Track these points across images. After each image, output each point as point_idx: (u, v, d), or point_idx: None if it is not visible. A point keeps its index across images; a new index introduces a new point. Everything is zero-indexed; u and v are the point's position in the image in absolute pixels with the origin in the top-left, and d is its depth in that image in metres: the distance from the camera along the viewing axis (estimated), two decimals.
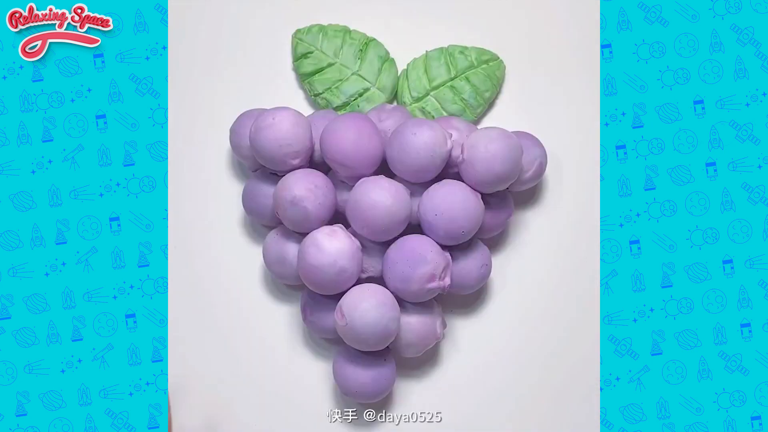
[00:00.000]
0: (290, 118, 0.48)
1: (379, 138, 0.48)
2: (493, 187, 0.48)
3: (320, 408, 0.47)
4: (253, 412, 0.46)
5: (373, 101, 0.53)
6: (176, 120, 0.52)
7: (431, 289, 0.44)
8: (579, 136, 0.53)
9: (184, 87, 0.53)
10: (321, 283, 0.43)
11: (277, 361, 0.47)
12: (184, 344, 0.46)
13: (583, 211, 0.52)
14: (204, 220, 0.53)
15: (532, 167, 0.50)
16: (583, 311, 0.50)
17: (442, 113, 0.53)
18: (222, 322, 0.47)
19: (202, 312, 0.47)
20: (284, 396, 0.47)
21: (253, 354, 0.47)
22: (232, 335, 0.47)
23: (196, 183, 0.53)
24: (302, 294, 0.46)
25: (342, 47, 0.54)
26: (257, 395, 0.46)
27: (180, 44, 0.54)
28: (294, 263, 0.46)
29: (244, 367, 0.47)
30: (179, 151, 0.52)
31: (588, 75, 0.52)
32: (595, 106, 0.47)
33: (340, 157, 0.47)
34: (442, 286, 0.44)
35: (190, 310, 0.47)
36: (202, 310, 0.47)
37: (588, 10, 0.51)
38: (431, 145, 0.46)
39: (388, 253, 0.46)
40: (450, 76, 0.54)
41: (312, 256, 0.44)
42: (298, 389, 0.47)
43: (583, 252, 0.52)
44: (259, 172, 0.50)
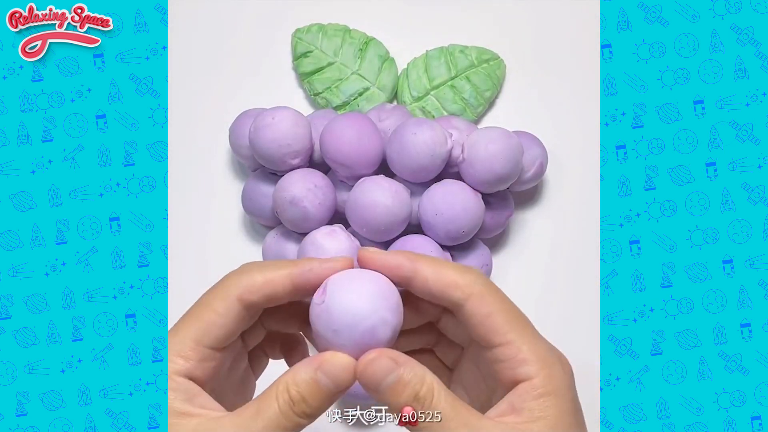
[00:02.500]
0: (290, 118, 0.48)
1: (378, 137, 0.48)
2: (493, 186, 0.48)
3: None
4: None
5: (373, 101, 0.53)
6: (176, 120, 0.52)
7: None
8: (579, 136, 0.53)
9: (184, 87, 0.53)
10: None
11: (277, 361, 0.47)
12: None
13: (583, 211, 0.52)
14: (204, 220, 0.54)
15: (533, 167, 0.50)
16: (583, 311, 0.50)
17: (443, 113, 0.53)
18: None
19: None
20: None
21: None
22: None
23: (196, 183, 0.53)
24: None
25: (342, 46, 0.54)
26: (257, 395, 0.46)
27: (180, 44, 0.54)
28: None
29: None
30: (179, 151, 0.52)
31: (588, 75, 0.52)
32: (595, 106, 0.47)
33: (340, 157, 0.47)
34: None
35: None
36: None
37: (588, 10, 0.51)
38: (431, 144, 0.47)
39: None
40: (450, 76, 0.54)
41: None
42: None
43: (583, 252, 0.52)
44: (259, 171, 0.50)
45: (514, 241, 0.53)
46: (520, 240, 0.53)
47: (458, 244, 0.48)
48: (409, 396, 0.30)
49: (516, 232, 0.53)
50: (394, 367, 0.30)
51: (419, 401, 0.30)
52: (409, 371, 0.30)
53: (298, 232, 0.48)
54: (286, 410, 0.30)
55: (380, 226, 0.46)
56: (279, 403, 0.30)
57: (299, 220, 0.47)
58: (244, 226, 0.53)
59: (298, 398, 0.30)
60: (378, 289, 0.31)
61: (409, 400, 0.30)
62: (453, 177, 0.49)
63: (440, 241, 0.47)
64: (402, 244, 0.47)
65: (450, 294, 0.31)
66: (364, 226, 0.47)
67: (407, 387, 0.30)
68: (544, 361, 0.31)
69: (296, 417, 0.30)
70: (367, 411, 0.47)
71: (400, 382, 0.30)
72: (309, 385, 0.30)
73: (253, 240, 0.53)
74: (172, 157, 0.50)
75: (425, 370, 0.31)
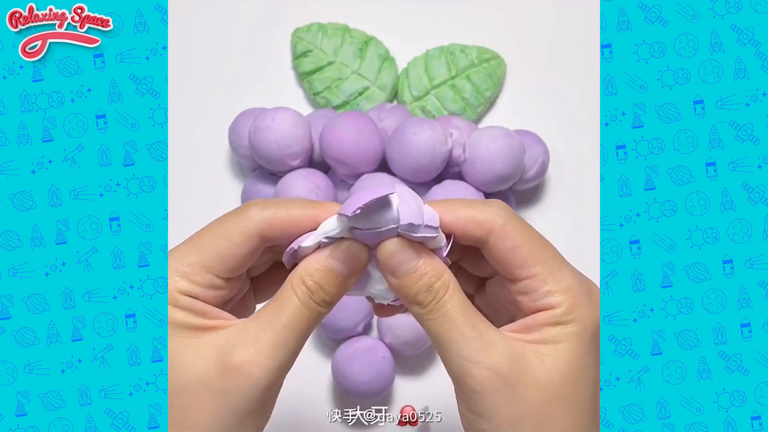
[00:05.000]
0: (289, 119, 0.48)
1: (378, 136, 0.48)
2: (495, 186, 0.48)
3: (320, 408, 0.47)
4: None
5: (373, 100, 0.53)
6: (176, 120, 0.52)
7: None
8: (579, 136, 0.53)
9: (184, 87, 0.53)
10: None
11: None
12: None
13: (583, 211, 0.52)
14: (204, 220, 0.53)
15: (535, 165, 0.50)
16: None
17: (443, 112, 0.53)
18: None
19: None
20: (284, 396, 0.47)
21: None
22: None
23: (196, 183, 0.53)
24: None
25: (342, 46, 0.54)
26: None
27: (180, 44, 0.54)
28: None
29: None
30: (179, 151, 0.52)
31: (588, 75, 0.52)
32: (595, 106, 0.47)
33: (340, 156, 0.47)
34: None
35: None
36: None
37: (588, 10, 0.51)
38: (431, 144, 0.47)
39: None
40: (451, 75, 0.54)
41: None
42: (298, 389, 0.47)
43: (583, 252, 0.52)
44: (258, 171, 0.50)
45: None
46: None
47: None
48: (423, 285, 0.30)
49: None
50: (414, 257, 0.31)
51: (431, 293, 0.30)
52: (428, 264, 0.31)
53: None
54: (306, 300, 0.30)
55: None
56: (298, 295, 0.30)
57: None
58: None
59: (315, 287, 0.30)
60: (408, 193, 0.31)
61: (422, 289, 0.30)
62: (454, 177, 0.49)
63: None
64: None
65: (471, 231, 0.31)
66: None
67: (423, 277, 0.30)
68: (569, 291, 0.31)
69: (317, 306, 0.31)
70: (367, 411, 0.47)
71: (417, 271, 0.30)
72: (323, 273, 0.31)
73: None
74: (172, 157, 0.50)
75: (445, 268, 0.31)
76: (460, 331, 0.30)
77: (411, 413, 0.32)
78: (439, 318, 0.30)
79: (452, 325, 0.30)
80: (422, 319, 0.31)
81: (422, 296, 0.30)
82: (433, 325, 0.30)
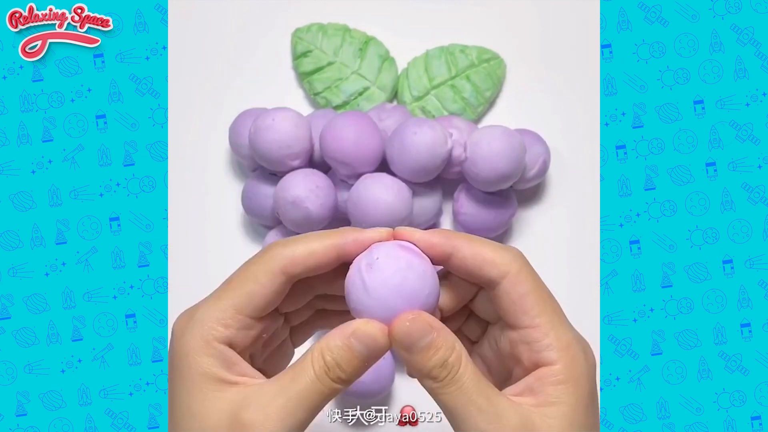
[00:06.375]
0: (290, 120, 0.48)
1: (378, 136, 0.48)
2: (496, 185, 0.48)
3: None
4: None
5: (373, 100, 0.53)
6: (176, 120, 0.52)
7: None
8: (579, 136, 0.53)
9: (184, 87, 0.53)
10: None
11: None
12: None
13: (584, 210, 0.52)
14: (204, 220, 0.53)
15: (536, 165, 0.50)
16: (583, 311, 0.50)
17: (443, 112, 0.53)
18: None
19: None
20: None
21: None
22: None
23: (196, 183, 0.53)
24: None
25: (342, 46, 0.54)
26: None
27: (180, 44, 0.54)
28: None
29: None
30: (179, 151, 0.52)
31: (588, 75, 0.52)
32: (595, 106, 0.47)
33: (340, 156, 0.47)
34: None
35: None
36: None
37: (588, 10, 0.51)
38: (432, 144, 0.47)
39: None
40: (450, 75, 0.54)
41: None
42: None
43: (583, 252, 0.52)
44: (258, 171, 0.50)
45: (515, 242, 0.53)
46: (520, 239, 0.53)
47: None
48: (439, 360, 0.30)
49: (517, 232, 0.53)
50: (430, 330, 0.31)
51: (446, 368, 0.30)
52: (442, 337, 0.31)
53: (299, 233, 0.48)
54: (322, 375, 0.30)
55: (381, 223, 0.46)
56: (315, 368, 0.30)
57: (301, 220, 0.47)
58: (244, 226, 0.53)
59: (333, 364, 0.30)
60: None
61: (438, 364, 0.30)
62: (455, 177, 0.49)
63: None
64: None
65: (487, 271, 0.32)
66: (364, 222, 0.46)
67: (439, 351, 0.30)
68: (568, 349, 0.31)
69: (332, 382, 0.31)
70: (367, 411, 0.47)
71: (433, 346, 0.30)
72: (342, 351, 0.31)
73: (253, 240, 0.52)
74: (172, 157, 0.50)
75: (456, 339, 0.31)
76: (475, 404, 0.30)
77: (411, 413, 0.32)
78: (455, 392, 0.30)
79: (468, 398, 0.30)
80: (436, 393, 0.31)
81: (437, 371, 0.31)
82: (448, 399, 0.31)
